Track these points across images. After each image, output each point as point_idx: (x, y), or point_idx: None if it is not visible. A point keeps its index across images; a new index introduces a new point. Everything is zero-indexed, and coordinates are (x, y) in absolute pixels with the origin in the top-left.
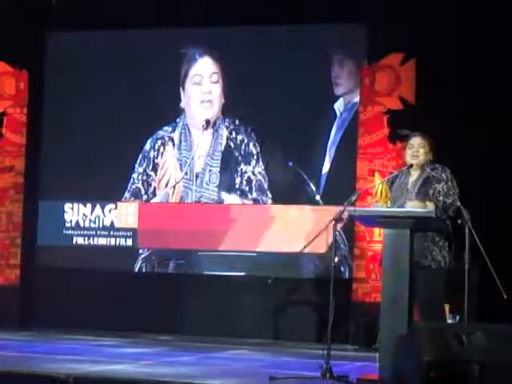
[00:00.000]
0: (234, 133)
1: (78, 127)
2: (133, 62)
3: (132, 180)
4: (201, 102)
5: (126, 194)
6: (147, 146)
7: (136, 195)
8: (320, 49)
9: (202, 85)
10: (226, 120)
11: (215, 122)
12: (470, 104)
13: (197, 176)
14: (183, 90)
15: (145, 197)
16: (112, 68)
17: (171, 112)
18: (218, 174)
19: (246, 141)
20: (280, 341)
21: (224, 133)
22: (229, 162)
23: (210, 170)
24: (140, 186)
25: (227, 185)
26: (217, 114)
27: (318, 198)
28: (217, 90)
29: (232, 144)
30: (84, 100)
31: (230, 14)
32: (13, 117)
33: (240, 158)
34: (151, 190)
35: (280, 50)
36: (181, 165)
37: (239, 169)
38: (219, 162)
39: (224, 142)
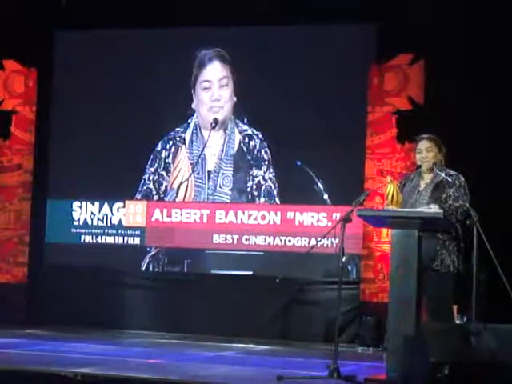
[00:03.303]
0: (246, 138)
1: (86, 126)
2: (143, 61)
3: (143, 181)
4: (210, 108)
5: (138, 196)
6: (159, 147)
7: (147, 196)
8: (329, 49)
9: (211, 91)
10: (240, 125)
11: (225, 123)
12: (478, 105)
13: (209, 177)
14: (194, 91)
15: (156, 197)
16: (122, 67)
17: (183, 112)
18: (231, 176)
19: (258, 146)
20: (288, 340)
21: (237, 137)
22: (241, 165)
23: (224, 173)
24: (151, 186)
25: (239, 188)
26: (227, 115)
27: (325, 197)
28: (226, 94)
29: (245, 148)
30: (93, 98)
31: (239, 13)
32: (22, 115)
33: (252, 162)
34: (162, 189)
35: (289, 50)
36: (192, 164)
37: (250, 173)
38: (232, 165)
39: (236, 145)
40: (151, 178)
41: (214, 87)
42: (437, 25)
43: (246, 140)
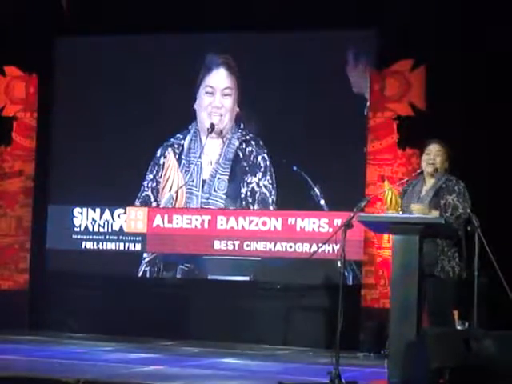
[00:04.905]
0: (244, 144)
1: (87, 132)
2: (144, 67)
3: (142, 187)
4: (209, 114)
5: (137, 202)
6: (158, 153)
7: (146, 203)
8: (330, 55)
9: (213, 97)
10: (239, 130)
11: (224, 132)
12: (479, 110)
13: (204, 182)
14: (198, 94)
15: (154, 204)
16: (122, 73)
17: (184, 118)
18: (227, 181)
19: (254, 153)
20: (289, 346)
21: (235, 142)
22: (236, 171)
23: (219, 178)
24: (149, 193)
25: (233, 194)
26: (227, 124)
27: (322, 202)
28: (227, 104)
29: (241, 154)
30: (94, 104)
31: (238, 20)
32: (23, 121)
33: (247, 168)
34: (160, 196)
35: (290, 56)
36: (187, 171)
37: (245, 179)
38: (228, 170)
39: (234, 151)
40: (149, 184)
41: (217, 94)
42: (437, 30)
43: (243, 146)
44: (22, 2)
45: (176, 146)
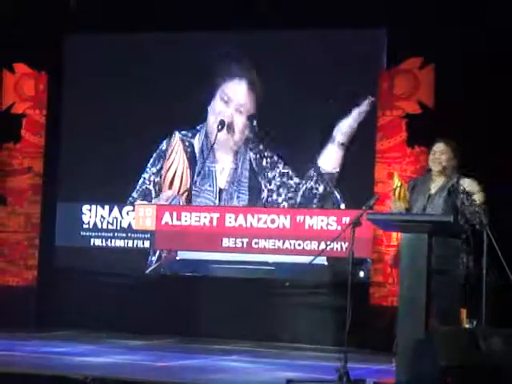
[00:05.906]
0: (259, 154)
1: (96, 129)
2: (153, 64)
3: (142, 180)
4: (215, 122)
5: (134, 194)
6: (163, 146)
7: (145, 197)
8: (340, 53)
9: (227, 108)
10: (253, 142)
11: (231, 125)
12: (489, 108)
13: (220, 192)
14: (215, 93)
15: (155, 200)
16: (132, 70)
17: (193, 117)
18: (247, 193)
19: (273, 160)
20: (297, 344)
21: (250, 154)
22: (255, 183)
23: (239, 196)
24: (151, 187)
25: (255, 204)
26: (238, 136)
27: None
28: (239, 119)
29: (259, 164)
30: (103, 101)
31: (247, 17)
32: (32, 118)
33: (265, 181)
34: (162, 189)
35: (300, 55)
36: (199, 171)
37: (266, 189)
38: (247, 180)
39: (249, 162)
40: (152, 178)
41: (231, 105)
42: (447, 28)
43: (259, 156)
44: (31, 0)
45: (187, 144)
